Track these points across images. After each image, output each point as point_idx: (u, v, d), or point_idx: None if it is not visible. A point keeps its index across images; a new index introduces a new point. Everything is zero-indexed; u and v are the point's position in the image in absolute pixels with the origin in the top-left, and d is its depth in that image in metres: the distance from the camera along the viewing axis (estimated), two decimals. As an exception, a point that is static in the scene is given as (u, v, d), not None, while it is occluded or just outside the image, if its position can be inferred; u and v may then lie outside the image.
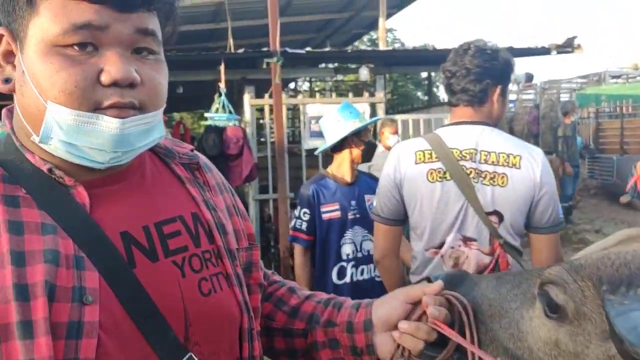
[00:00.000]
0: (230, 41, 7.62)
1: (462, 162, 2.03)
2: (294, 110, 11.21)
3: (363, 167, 5.06)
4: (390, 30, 19.66)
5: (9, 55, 0.88)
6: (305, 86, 18.14)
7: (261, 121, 9.20)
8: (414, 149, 2.13)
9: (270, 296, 1.17)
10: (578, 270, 0.88)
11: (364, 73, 6.79)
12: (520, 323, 0.96)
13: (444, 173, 2.05)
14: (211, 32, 10.60)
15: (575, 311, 0.86)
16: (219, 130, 6.27)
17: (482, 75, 2.06)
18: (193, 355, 0.87)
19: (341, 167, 3.26)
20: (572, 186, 9.69)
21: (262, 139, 7.79)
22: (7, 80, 0.89)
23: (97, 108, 0.82)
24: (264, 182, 7.20)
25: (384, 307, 1.07)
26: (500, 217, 2.02)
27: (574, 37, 7.35)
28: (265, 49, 6.52)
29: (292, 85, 15.52)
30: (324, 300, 1.16)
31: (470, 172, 2.02)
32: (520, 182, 1.99)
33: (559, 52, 7.63)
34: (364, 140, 3.25)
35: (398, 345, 1.03)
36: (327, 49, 9.71)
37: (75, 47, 0.81)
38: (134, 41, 0.85)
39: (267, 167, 7.10)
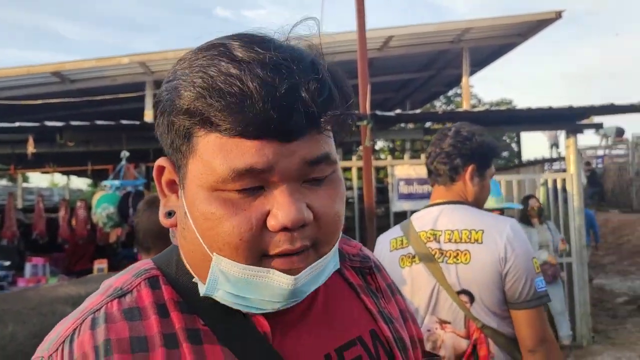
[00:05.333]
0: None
1: (428, 244, 2.05)
2: (381, 170, 11.12)
3: None
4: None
5: (173, 184, 0.80)
6: (379, 145, 18.12)
7: (348, 182, 9.14)
8: (390, 237, 2.20)
9: None
10: None
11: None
12: None
13: (414, 257, 2.08)
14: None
15: None
16: (308, 193, 6.22)
17: (452, 155, 2.12)
18: None
19: None
20: None
21: (350, 200, 7.71)
22: (170, 214, 0.81)
23: (264, 255, 0.72)
24: (349, 245, 7.05)
25: None
26: (471, 296, 1.97)
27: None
28: (355, 112, 6.52)
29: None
30: None
31: (435, 252, 2.03)
32: (483, 258, 1.95)
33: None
34: None
35: None
36: (418, 110, 9.65)
37: (239, 193, 0.70)
38: (304, 174, 0.72)
39: (354, 228, 6.98)
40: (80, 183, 19.83)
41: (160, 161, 0.81)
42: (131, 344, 0.71)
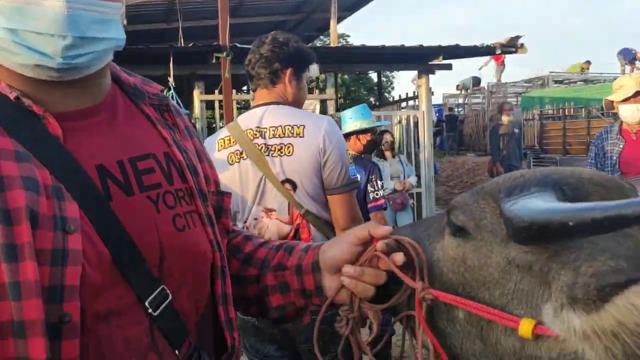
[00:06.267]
0: (181, 40, 7.54)
1: (255, 141, 2.20)
2: (246, 108, 11.17)
3: None
4: (342, 36, 19.85)
5: None
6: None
7: (213, 124, 9.12)
8: (217, 138, 2.34)
9: (227, 244, 1.15)
10: (479, 190, 0.95)
11: (314, 69, 6.79)
12: (432, 255, 1.00)
13: (241, 154, 2.23)
14: (162, 32, 10.47)
15: (476, 226, 0.91)
16: (168, 125, 6.16)
17: (271, 59, 2.26)
18: (165, 288, 0.87)
19: None
20: None
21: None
22: None
23: None
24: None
25: (331, 250, 1.06)
26: (294, 185, 2.19)
27: (518, 37, 7.58)
28: (214, 43, 6.50)
29: (245, 88, 15.49)
30: (276, 245, 1.17)
31: (261, 147, 2.19)
32: (304, 149, 2.16)
33: (503, 52, 7.86)
34: (367, 137, 4.44)
35: (350, 294, 1.01)
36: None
37: None
38: None
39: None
40: None
41: None
42: None
